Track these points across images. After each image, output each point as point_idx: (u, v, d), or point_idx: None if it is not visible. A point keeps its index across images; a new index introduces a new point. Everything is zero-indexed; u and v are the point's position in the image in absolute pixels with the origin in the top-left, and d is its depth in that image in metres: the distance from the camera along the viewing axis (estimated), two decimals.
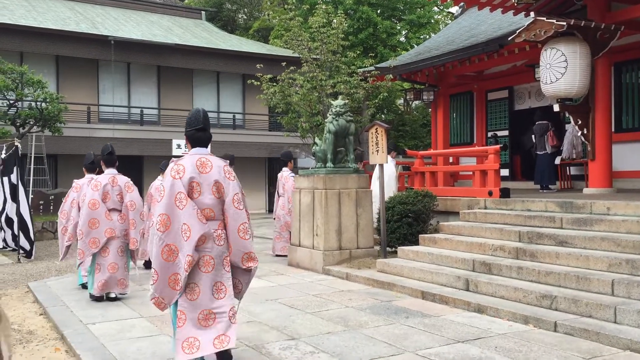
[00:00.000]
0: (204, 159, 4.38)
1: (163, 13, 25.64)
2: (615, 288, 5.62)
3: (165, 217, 4.18)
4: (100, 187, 7.12)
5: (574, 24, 8.86)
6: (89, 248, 7.03)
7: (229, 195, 4.30)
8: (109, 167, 7.29)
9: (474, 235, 8.18)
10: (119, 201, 7.20)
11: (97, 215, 7.06)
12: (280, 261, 10.12)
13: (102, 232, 7.03)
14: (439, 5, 27.68)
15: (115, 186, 7.18)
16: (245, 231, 4.34)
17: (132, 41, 19.63)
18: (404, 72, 14.70)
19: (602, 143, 9.59)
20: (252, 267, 4.44)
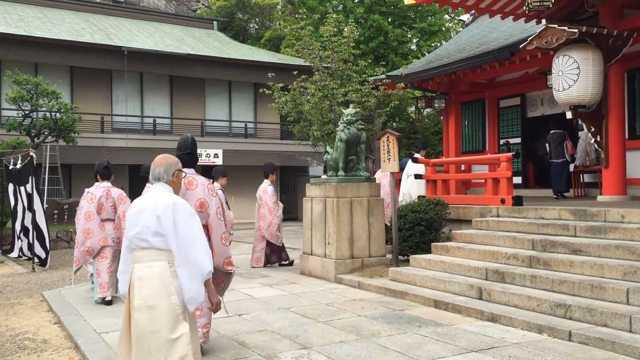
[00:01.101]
0: (190, 178, 4.98)
1: (175, 23, 25.87)
2: (631, 296, 5.56)
3: None
4: (95, 200, 7.84)
5: (586, 31, 8.83)
6: (84, 256, 7.77)
7: (212, 209, 4.98)
8: (104, 181, 8.00)
9: (486, 244, 8.13)
10: (112, 212, 7.88)
11: (91, 226, 7.80)
12: (292, 270, 10.12)
13: (96, 241, 7.75)
14: (450, 13, 27.66)
15: (109, 198, 7.88)
16: (226, 239, 5.10)
17: (145, 51, 19.82)
18: (415, 80, 14.70)
19: (615, 150, 9.52)
20: (232, 271, 5.17)
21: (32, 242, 11.43)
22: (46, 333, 6.39)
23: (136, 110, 21.19)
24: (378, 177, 10.59)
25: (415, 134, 25.06)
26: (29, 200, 11.68)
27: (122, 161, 18.81)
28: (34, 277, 10.32)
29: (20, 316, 7.23)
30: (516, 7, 10.96)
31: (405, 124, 25.00)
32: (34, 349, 5.75)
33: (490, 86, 15.06)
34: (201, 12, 34.32)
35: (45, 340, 6.08)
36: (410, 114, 26.45)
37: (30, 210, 11.61)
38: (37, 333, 6.39)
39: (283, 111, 14.23)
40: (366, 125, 11.22)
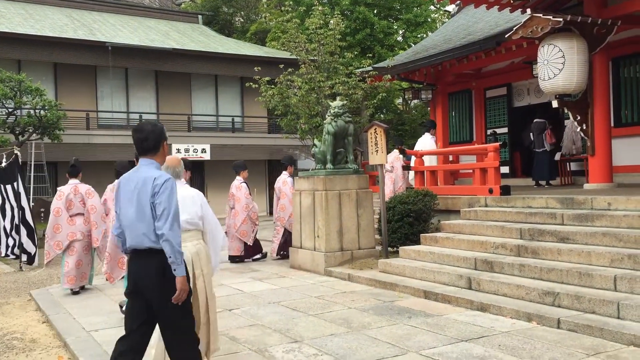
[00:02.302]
0: None
1: (160, 18, 25.64)
2: (618, 283, 5.60)
3: None
4: (63, 197, 8.29)
5: (571, 19, 8.86)
6: (54, 249, 8.19)
7: None
8: (72, 178, 8.45)
9: (475, 234, 8.16)
10: (82, 206, 8.30)
11: (59, 221, 8.21)
12: (282, 263, 10.11)
13: (65, 235, 8.17)
14: (435, 4, 27.64)
15: (77, 194, 8.32)
16: None
17: (129, 47, 19.64)
18: (402, 72, 14.69)
19: (601, 138, 9.58)
20: None
21: (21, 241, 11.34)
22: (35, 332, 6.33)
23: (122, 106, 21.02)
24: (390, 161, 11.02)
25: (402, 126, 25.12)
26: (16, 198, 11.58)
27: (109, 158, 18.63)
28: (21, 276, 10.24)
29: (8, 316, 7.17)
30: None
31: (393, 115, 25.02)
32: (22, 349, 5.70)
33: (476, 76, 15.09)
34: (185, 6, 34.05)
35: (33, 340, 6.03)
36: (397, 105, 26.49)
37: (19, 208, 11.52)
38: (26, 332, 6.33)
39: (270, 105, 14.15)
40: (354, 117, 11.18)
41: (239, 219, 10.37)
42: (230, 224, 10.54)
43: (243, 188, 10.48)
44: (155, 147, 3.86)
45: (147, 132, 3.85)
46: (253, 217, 10.47)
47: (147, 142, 3.83)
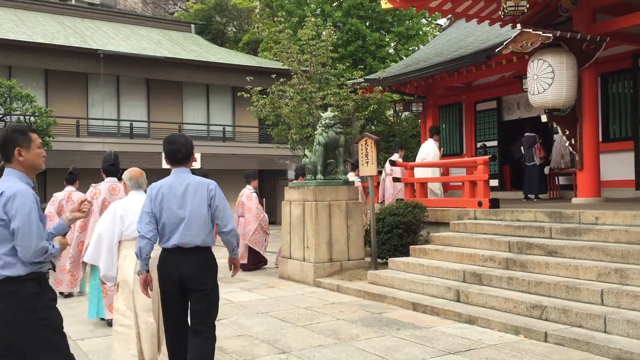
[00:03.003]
0: (114, 185, 6.61)
1: (152, 26, 25.65)
2: (605, 297, 5.64)
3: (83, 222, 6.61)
4: (56, 202, 8.48)
5: (560, 35, 8.96)
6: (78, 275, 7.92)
7: None
8: (68, 185, 8.70)
9: (464, 246, 8.19)
10: None
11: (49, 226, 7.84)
12: (271, 274, 10.09)
13: None
14: (427, 18, 27.88)
15: (69, 201, 8.38)
16: None
17: (121, 54, 19.63)
18: (393, 84, 14.77)
19: (589, 153, 9.67)
20: None
21: None
22: None
23: (112, 113, 20.96)
24: None
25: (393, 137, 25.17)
26: None
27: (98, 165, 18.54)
28: None
29: None
30: (492, 11, 11.09)
31: (384, 127, 25.10)
32: None
33: (467, 90, 15.20)
34: (178, 15, 34.10)
35: None
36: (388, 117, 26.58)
37: None
38: None
39: (261, 115, 14.16)
40: (344, 128, 11.21)
41: (250, 228, 10.48)
42: (239, 232, 10.55)
43: (254, 197, 10.64)
44: (188, 157, 4.30)
45: (180, 144, 4.25)
46: (264, 227, 10.63)
47: (181, 153, 4.25)
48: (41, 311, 3.11)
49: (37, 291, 3.12)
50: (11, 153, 3.22)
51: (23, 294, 3.06)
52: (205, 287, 4.18)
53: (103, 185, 6.69)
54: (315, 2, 25.44)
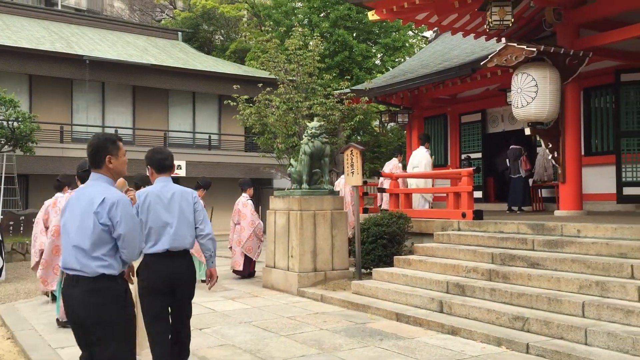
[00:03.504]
0: None
1: (139, 33, 25.60)
2: (586, 310, 5.69)
3: (58, 227, 6.37)
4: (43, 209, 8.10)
5: (544, 49, 9.08)
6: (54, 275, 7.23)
7: None
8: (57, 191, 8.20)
9: (447, 257, 8.23)
10: None
11: (36, 232, 8.02)
12: (255, 283, 10.05)
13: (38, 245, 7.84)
14: (413, 30, 28.12)
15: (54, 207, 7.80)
16: None
17: (107, 61, 19.55)
18: (379, 95, 14.86)
19: (572, 166, 9.79)
20: None
21: None
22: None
23: (97, 120, 20.84)
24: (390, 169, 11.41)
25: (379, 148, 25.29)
26: None
27: None
28: None
29: None
30: (477, 25, 11.21)
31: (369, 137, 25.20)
32: None
33: (452, 102, 15.33)
34: (166, 22, 34.05)
35: None
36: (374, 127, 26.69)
37: None
38: None
39: (247, 123, 14.18)
40: (330, 138, 11.26)
41: (244, 235, 10.47)
42: (235, 239, 10.69)
43: (249, 205, 10.61)
44: (172, 166, 4.67)
45: (167, 154, 4.64)
46: (259, 234, 10.60)
47: (168, 161, 4.59)
48: (128, 307, 3.48)
49: (125, 288, 3.50)
50: (102, 160, 3.52)
51: (116, 291, 3.40)
52: (192, 289, 4.55)
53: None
54: (303, 12, 25.56)
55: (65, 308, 3.48)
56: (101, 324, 3.30)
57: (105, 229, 3.33)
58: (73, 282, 3.36)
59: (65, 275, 3.45)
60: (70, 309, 3.41)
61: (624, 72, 10.93)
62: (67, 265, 3.39)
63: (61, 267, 3.57)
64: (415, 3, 9.61)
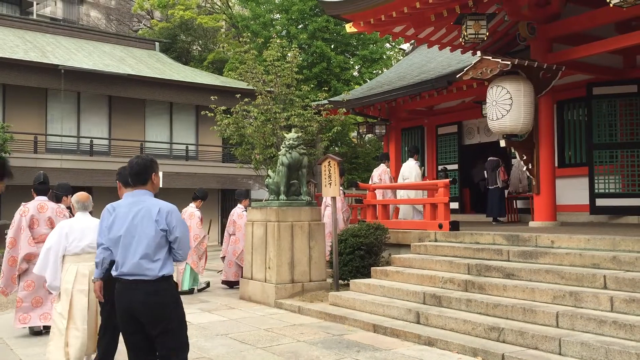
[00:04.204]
0: (42, 203, 7.16)
1: (116, 43, 25.41)
2: (560, 320, 5.76)
3: (13, 239, 7.01)
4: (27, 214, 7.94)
5: (518, 63, 9.24)
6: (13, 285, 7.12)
7: None
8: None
9: (424, 268, 8.27)
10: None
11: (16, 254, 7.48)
12: (232, 294, 9.99)
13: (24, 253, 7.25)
14: (390, 42, 28.39)
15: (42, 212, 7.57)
16: None
17: (83, 70, 19.35)
18: (357, 106, 14.95)
19: (546, 178, 9.93)
20: None
21: None
22: None
23: (72, 130, 20.59)
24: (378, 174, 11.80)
25: (356, 159, 25.43)
26: None
27: (57, 183, 18.17)
28: None
29: None
30: (453, 38, 11.37)
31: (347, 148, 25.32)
32: None
33: (429, 114, 15.48)
34: (143, 32, 33.88)
35: None
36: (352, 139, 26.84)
37: None
38: None
39: (225, 134, 14.12)
40: (308, 149, 11.29)
41: (240, 246, 10.52)
42: (230, 250, 10.73)
43: (244, 216, 10.63)
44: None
45: None
46: None
47: None
48: (180, 301, 4.04)
49: (175, 284, 4.06)
50: (149, 178, 4.08)
51: (173, 289, 4.00)
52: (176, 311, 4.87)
53: (32, 203, 7.18)
54: (281, 23, 25.66)
55: (122, 312, 3.89)
56: (163, 318, 3.82)
57: (164, 234, 3.88)
58: (132, 285, 3.82)
59: (123, 281, 3.87)
60: (128, 313, 3.85)
61: (595, 86, 11.16)
62: (129, 271, 3.82)
63: (116, 274, 3.93)
64: (392, 16, 9.72)
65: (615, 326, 5.31)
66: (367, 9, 9.90)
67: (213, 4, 32.56)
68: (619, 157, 10.91)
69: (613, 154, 10.96)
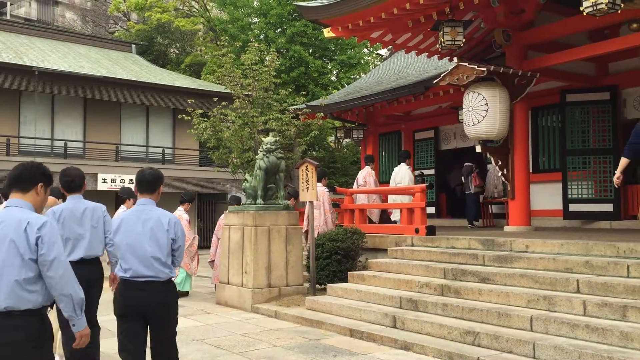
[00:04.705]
0: None
1: (92, 45, 25.11)
2: (534, 324, 5.83)
3: None
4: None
5: (494, 70, 9.35)
6: None
7: None
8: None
9: (401, 272, 8.30)
10: None
11: None
12: (208, 299, 9.91)
13: None
14: (368, 47, 28.52)
15: None
16: None
17: (57, 72, 19.08)
18: (335, 111, 14.98)
19: (520, 183, 10.06)
20: None
21: None
22: None
23: (46, 132, 20.27)
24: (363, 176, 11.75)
25: (334, 163, 25.46)
26: None
27: None
28: None
29: None
30: (430, 44, 11.47)
31: (325, 153, 25.35)
32: None
33: (406, 119, 15.57)
34: (119, 34, 33.55)
35: None
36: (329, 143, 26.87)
37: None
38: None
39: (202, 138, 14.04)
40: (286, 154, 11.26)
41: None
42: (218, 253, 10.59)
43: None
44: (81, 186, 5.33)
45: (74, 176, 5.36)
46: None
47: (75, 182, 5.35)
48: None
49: None
50: (157, 188, 4.36)
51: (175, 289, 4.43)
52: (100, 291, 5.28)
53: None
54: (259, 27, 25.62)
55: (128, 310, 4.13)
56: (169, 315, 4.23)
57: (172, 242, 4.22)
58: (142, 286, 4.10)
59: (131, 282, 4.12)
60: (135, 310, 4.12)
61: (569, 93, 11.35)
62: (140, 273, 4.09)
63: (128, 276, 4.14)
64: (370, 21, 9.77)
65: (587, 330, 5.39)
66: (345, 14, 9.94)
67: (191, 7, 32.39)
68: (591, 163, 11.10)
69: (586, 160, 11.15)
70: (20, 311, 3.00)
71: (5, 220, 3.10)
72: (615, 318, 5.52)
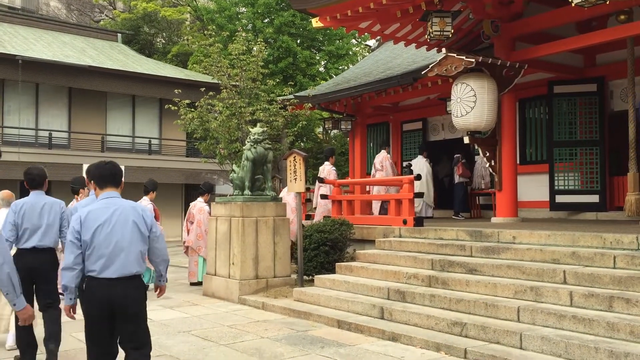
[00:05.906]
0: None
1: (77, 34, 24.79)
2: (521, 314, 5.85)
3: None
4: None
5: (482, 61, 9.34)
6: None
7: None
8: None
9: (389, 264, 8.30)
10: None
11: None
12: (195, 291, 9.86)
13: None
14: (357, 38, 28.43)
15: None
16: None
17: (42, 61, 18.83)
18: (323, 102, 14.91)
19: (508, 174, 10.08)
20: None
21: None
22: None
23: (30, 122, 20.03)
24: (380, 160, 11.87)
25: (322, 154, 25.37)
26: None
27: (14, 177, 17.64)
28: None
29: None
30: (418, 35, 11.43)
31: (313, 144, 25.28)
32: None
33: (394, 110, 15.55)
34: (105, 23, 33.16)
35: None
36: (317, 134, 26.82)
37: None
38: None
39: (189, 128, 13.91)
40: (273, 144, 11.19)
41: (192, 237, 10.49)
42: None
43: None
44: (42, 184, 5.68)
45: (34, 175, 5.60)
46: None
47: (35, 181, 5.59)
48: None
49: None
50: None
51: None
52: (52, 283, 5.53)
53: None
54: (247, 17, 25.43)
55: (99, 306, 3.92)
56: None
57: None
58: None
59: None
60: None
61: (556, 84, 11.37)
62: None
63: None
64: (359, 12, 9.71)
65: (574, 320, 5.41)
66: (333, 4, 9.86)
67: None
68: (578, 154, 11.15)
69: (572, 152, 11.19)
70: (140, 274, 4.06)
71: (120, 207, 4.02)
72: (601, 309, 5.54)
